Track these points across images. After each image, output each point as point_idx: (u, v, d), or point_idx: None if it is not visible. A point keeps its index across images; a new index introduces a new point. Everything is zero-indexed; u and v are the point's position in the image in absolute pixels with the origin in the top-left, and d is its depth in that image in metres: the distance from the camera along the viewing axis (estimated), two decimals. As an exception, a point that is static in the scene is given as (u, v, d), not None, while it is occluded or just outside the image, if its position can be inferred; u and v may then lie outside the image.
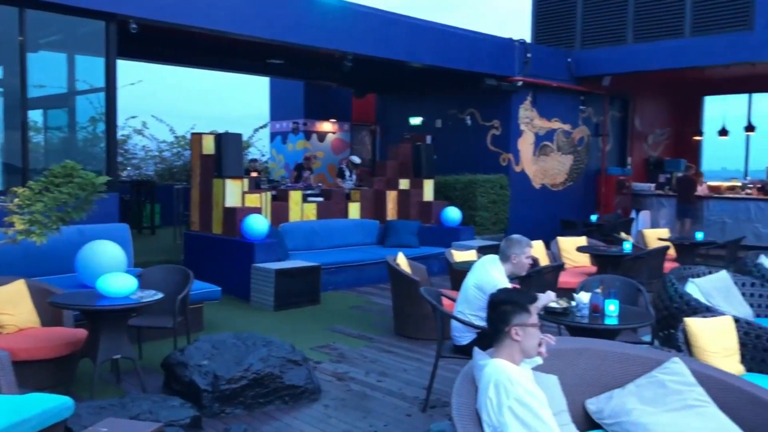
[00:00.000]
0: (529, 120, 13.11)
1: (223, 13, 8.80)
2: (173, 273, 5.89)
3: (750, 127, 15.59)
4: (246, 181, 9.12)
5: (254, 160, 15.35)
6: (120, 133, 15.61)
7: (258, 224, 8.29)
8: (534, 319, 2.72)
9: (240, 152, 8.99)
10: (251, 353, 4.74)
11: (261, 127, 17.63)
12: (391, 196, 11.07)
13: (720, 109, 16.28)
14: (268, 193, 9.78)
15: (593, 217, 12.96)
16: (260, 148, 18.14)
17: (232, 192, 8.74)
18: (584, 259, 8.84)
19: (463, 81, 12.46)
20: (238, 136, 8.91)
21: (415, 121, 14.51)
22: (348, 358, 5.90)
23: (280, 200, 9.92)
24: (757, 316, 5.97)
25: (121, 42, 8.06)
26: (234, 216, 8.54)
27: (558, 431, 2.50)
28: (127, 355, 4.88)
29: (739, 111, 15.85)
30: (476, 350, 2.79)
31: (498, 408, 2.47)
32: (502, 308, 2.71)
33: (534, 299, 2.86)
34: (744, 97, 15.77)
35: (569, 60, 13.48)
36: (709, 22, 12.04)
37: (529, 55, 12.65)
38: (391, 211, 11.04)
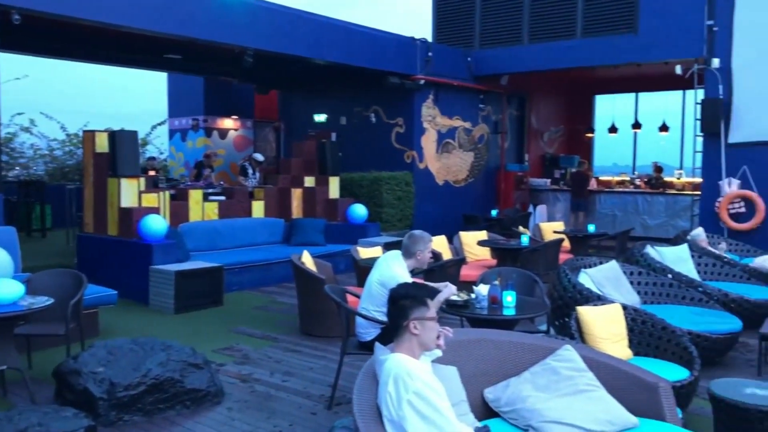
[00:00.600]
0: (432, 118, 13.35)
1: (115, 5, 8.43)
2: (65, 277, 5.61)
3: (637, 125, 16.53)
4: (143, 180, 8.80)
5: (152, 159, 14.83)
6: (5, 132, 14.71)
7: (156, 225, 8.02)
8: (432, 312, 2.77)
9: (136, 150, 8.65)
10: (149, 358, 4.58)
11: (159, 124, 17.06)
12: (296, 194, 10.99)
13: (609, 108, 17.19)
14: (167, 193, 9.47)
15: (494, 212, 13.38)
16: (158, 145, 17.58)
17: (128, 192, 8.41)
18: (485, 253, 9.10)
19: (367, 78, 12.53)
20: (134, 133, 8.57)
21: (320, 118, 14.46)
22: (252, 359, 5.81)
23: (179, 199, 9.63)
24: (644, 302, 6.35)
25: (3, 34, 7.57)
26: (130, 216, 8.22)
27: (456, 422, 2.56)
28: (14, 366, 4.61)
29: (627, 109, 16.79)
30: (377, 345, 2.81)
31: (397, 402, 2.50)
32: (401, 303, 2.75)
33: (433, 293, 2.91)
34: (631, 96, 16.72)
35: (469, 59, 13.82)
36: (598, 25, 12.66)
37: (430, 54, 12.87)
38: (297, 209, 10.96)
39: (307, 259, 6.75)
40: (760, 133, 11.05)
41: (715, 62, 11.22)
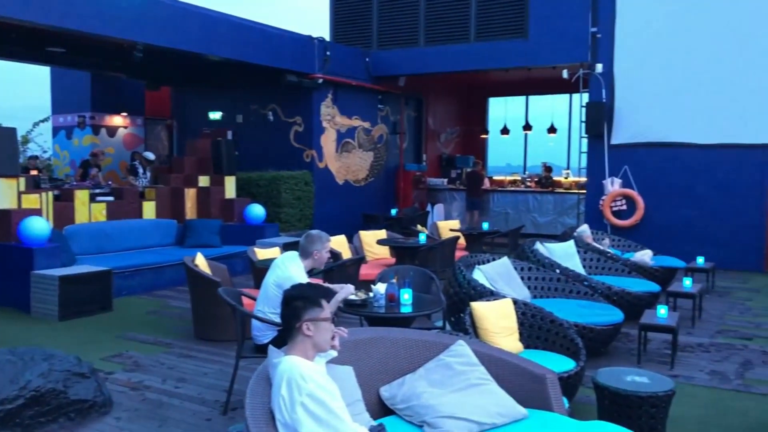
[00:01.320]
0: (331, 117, 13.32)
1: (-11, -7, 7.86)
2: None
3: (527, 126, 17.21)
4: (23, 179, 8.26)
5: (34, 157, 13.99)
6: None
7: (37, 227, 7.55)
8: (326, 313, 2.75)
9: (15, 148, 8.11)
10: (29, 369, 4.29)
11: (41, 121, 16.11)
12: (190, 194, 10.66)
13: (502, 110, 17.82)
14: (50, 193, 8.93)
15: (393, 211, 13.54)
16: (41, 143, 16.59)
17: (6, 192, 7.87)
18: (385, 252, 9.18)
19: (264, 76, 12.34)
20: (12, 130, 8.04)
21: (215, 115, 14.10)
22: (143, 366, 5.58)
23: (64, 200, 9.11)
24: (534, 297, 6.60)
25: None
26: (8, 219, 7.69)
27: (350, 423, 2.55)
28: None
29: (518, 111, 17.47)
30: (271, 348, 2.76)
31: (291, 405, 2.46)
32: (294, 304, 2.71)
33: (329, 293, 2.89)
34: (522, 99, 17.38)
35: (367, 60, 13.89)
36: (490, 29, 13.06)
37: (328, 53, 12.84)
38: (191, 210, 10.63)
39: (201, 262, 6.56)
40: (640, 135, 11.78)
41: (599, 67, 11.86)
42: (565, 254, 7.90)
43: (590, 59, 11.96)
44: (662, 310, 5.89)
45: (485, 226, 10.86)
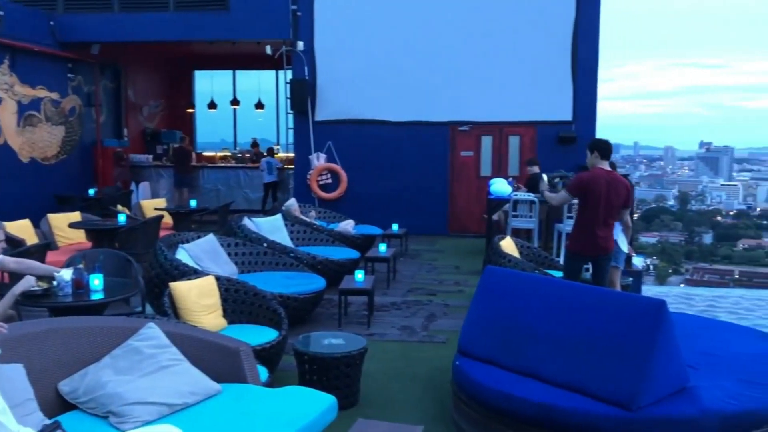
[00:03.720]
0: (9, 87, 11.71)
1: None
2: None
3: (235, 101, 17.05)
4: None
5: None
6: None
7: None
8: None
9: None
10: None
11: None
12: None
13: (209, 84, 17.36)
14: None
15: (91, 191, 12.46)
16: None
17: None
18: (80, 236, 8.41)
19: None
20: None
21: None
22: None
23: None
24: (242, 272, 6.59)
25: None
26: None
27: (14, 426, 2.27)
28: None
29: (226, 86, 17.19)
30: None
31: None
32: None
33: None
34: (229, 73, 17.15)
35: (52, 23, 12.46)
36: (191, -1, 12.59)
37: (1, 12, 11.23)
38: None
39: None
40: (341, 112, 12.42)
41: (300, 45, 12.18)
42: (273, 228, 8.03)
43: (292, 37, 12.21)
44: (359, 275, 6.31)
45: (193, 203, 10.56)
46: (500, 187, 9.89)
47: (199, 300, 4.67)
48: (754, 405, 3.50)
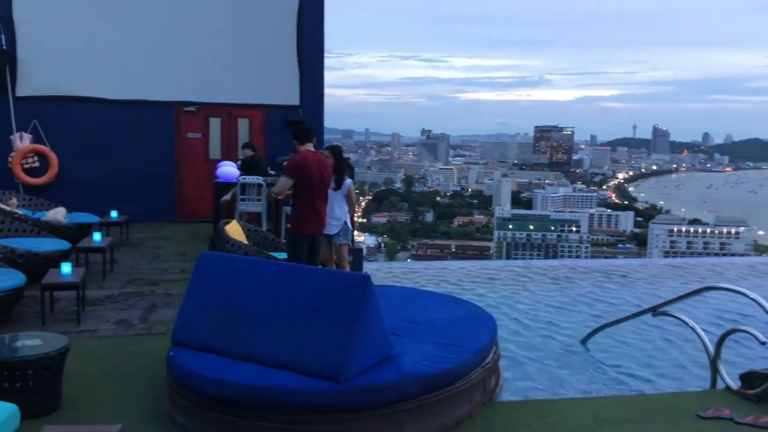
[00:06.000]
0: None
1: None
2: None
3: None
4: None
5: None
6: None
7: None
8: None
9: None
10: None
11: None
12: None
13: None
14: None
15: None
16: None
17: None
18: None
19: None
20: None
21: None
22: None
23: None
24: None
25: None
26: None
27: None
28: None
29: None
30: None
31: None
32: None
33: None
34: None
35: None
36: None
37: None
38: None
39: None
40: (50, 87, 11.16)
41: (-4, 11, 10.68)
42: (-41, 219, 6.96)
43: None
44: (66, 268, 5.75)
45: None
46: (227, 169, 9.73)
47: None
48: (447, 365, 3.88)
